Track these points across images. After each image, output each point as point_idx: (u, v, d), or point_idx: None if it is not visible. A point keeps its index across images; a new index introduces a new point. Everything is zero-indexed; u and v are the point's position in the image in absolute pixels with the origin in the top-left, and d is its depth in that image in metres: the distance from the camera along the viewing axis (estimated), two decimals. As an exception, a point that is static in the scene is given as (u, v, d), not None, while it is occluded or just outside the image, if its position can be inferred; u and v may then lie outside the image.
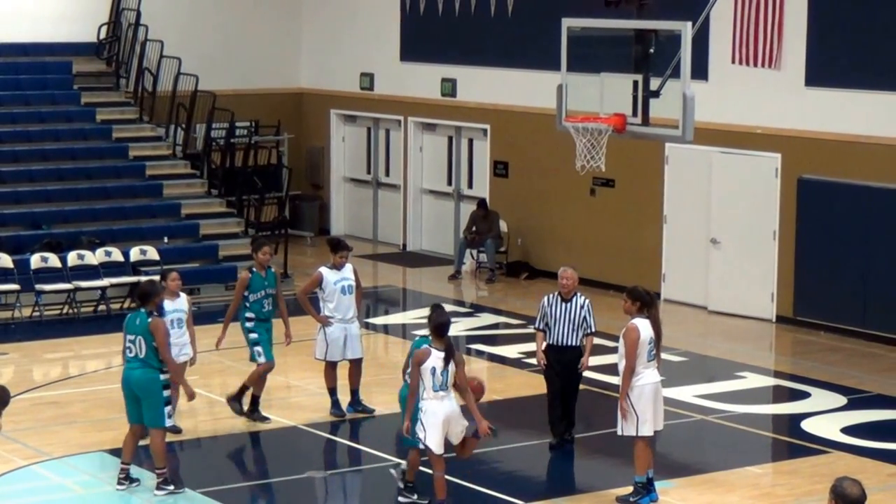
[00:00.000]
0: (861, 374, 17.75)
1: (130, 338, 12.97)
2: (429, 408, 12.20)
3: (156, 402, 12.91)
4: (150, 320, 12.92)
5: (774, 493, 13.52)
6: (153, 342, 12.84)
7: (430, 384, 12.16)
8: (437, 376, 12.16)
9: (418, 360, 12.21)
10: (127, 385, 13.06)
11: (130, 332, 13.00)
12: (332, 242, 15.70)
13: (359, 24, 26.76)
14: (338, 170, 27.70)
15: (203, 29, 26.63)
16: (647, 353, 12.75)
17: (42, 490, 13.53)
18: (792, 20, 19.91)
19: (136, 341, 12.91)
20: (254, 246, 15.56)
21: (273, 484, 14.04)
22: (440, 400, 12.21)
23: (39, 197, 22.68)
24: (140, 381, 12.93)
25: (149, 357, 12.88)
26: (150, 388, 12.91)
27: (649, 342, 12.76)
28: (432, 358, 12.18)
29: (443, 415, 12.20)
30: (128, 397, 13.08)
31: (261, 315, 15.17)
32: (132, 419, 13.12)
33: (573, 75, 15.29)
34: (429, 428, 12.20)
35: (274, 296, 15.24)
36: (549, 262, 23.53)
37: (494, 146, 24.50)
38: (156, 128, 24.92)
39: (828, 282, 19.75)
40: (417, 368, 12.19)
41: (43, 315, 20.27)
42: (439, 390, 12.19)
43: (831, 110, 19.63)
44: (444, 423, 12.22)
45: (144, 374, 12.90)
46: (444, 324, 12.35)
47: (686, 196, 21.46)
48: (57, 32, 25.50)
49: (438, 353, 12.21)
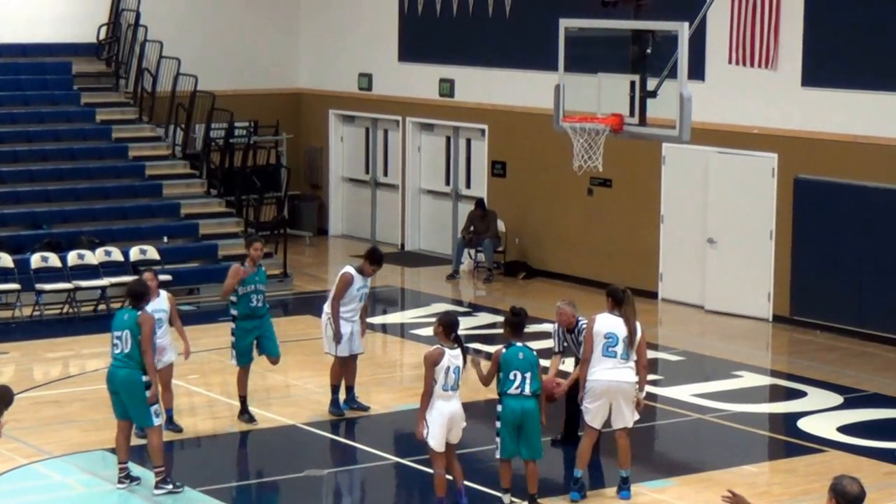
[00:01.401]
0: (857, 374, 17.79)
1: (117, 334, 12.99)
2: (435, 406, 12.28)
3: (139, 402, 12.91)
4: (140, 314, 12.93)
5: (771, 492, 13.56)
6: (139, 336, 12.85)
7: (441, 383, 12.22)
8: (449, 376, 12.23)
9: (432, 361, 12.25)
10: (111, 383, 13.10)
11: (117, 328, 13.02)
12: (377, 256, 15.38)
13: (357, 25, 26.79)
14: (336, 170, 27.73)
15: (202, 29, 26.66)
16: (603, 348, 12.83)
17: (43, 488, 13.56)
18: (788, 21, 19.95)
19: (123, 336, 12.93)
20: (246, 242, 15.67)
21: (272, 482, 14.07)
22: (447, 400, 12.28)
23: (39, 197, 22.71)
24: (123, 380, 12.95)
25: (134, 352, 12.87)
26: (132, 388, 12.92)
27: (606, 336, 12.84)
28: (446, 358, 12.25)
29: (448, 414, 12.27)
30: (112, 394, 13.13)
31: (247, 311, 15.10)
32: (119, 415, 13.15)
33: (570, 75, 15.31)
34: (432, 426, 12.28)
35: (264, 293, 15.26)
36: (546, 262, 23.60)
37: (492, 146, 24.54)
38: (155, 128, 24.95)
39: (824, 281, 19.80)
40: (432, 369, 12.22)
41: (43, 314, 20.30)
42: (449, 390, 12.26)
43: (828, 110, 19.67)
44: (448, 422, 12.29)
45: (128, 375, 12.91)
46: (454, 323, 12.45)
47: (683, 196, 21.50)
48: (57, 33, 25.53)
49: (452, 352, 12.28)
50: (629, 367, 12.92)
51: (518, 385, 12.47)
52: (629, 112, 14.94)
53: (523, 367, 12.50)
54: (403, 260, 25.32)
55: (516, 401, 12.49)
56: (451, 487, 12.62)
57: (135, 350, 12.88)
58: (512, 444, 12.57)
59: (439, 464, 12.41)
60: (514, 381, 12.49)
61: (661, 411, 16.31)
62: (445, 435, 12.32)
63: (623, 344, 12.84)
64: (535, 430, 12.58)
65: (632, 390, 12.94)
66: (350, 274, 15.24)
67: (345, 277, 15.24)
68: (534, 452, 12.64)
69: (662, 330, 20.63)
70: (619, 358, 12.85)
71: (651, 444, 15.58)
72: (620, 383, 12.87)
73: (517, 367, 12.51)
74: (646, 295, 21.89)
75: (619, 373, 12.88)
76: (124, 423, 13.17)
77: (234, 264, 15.39)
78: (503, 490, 12.78)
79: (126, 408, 13.05)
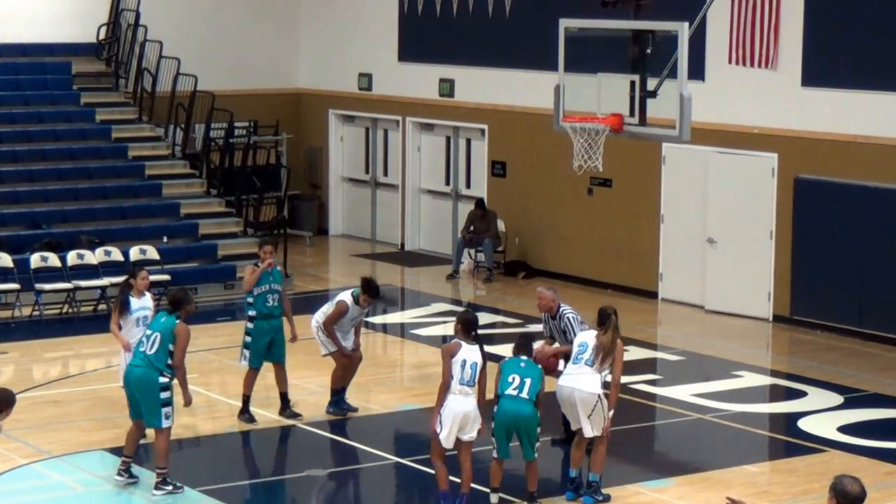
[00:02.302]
0: (857, 373, 17.77)
1: (149, 333, 13.09)
2: (449, 402, 12.28)
3: (153, 404, 12.92)
4: (178, 323, 12.99)
5: (771, 492, 13.54)
6: (170, 344, 12.90)
7: (457, 377, 12.24)
8: (465, 370, 12.25)
9: (449, 353, 12.31)
10: (128, 383, 13.15)
11: (152, 328, 13.13)
12: (373, 289, 15.31)
13: (357, 25, 26.78)
14: (336, 170, 27.72)
15: (202, 29, 26.65)
16: (574, 356, 12.96)
17: (42, 488, 13.55)
18: (788, 20, 19.94)
19: (153, 337, 12.99)
20: (258, 244, 15.94)
21: (272, 482, 14.07)
22: (462, 396, 12.27)
23: (39, 197, 22.69)
24: (139, 380, 12.98)
25: (157, 356, 12.91)
26: (148, 389, 12.93)
27: (579, 345, 12.98)
28: (463, 351, 12.28)
29: (461, 413, 12.27)
30: (129, 395, 13.16)
31: (264, 310, 15.20)
32: (134, 416, 13.18)
33: (570, 75, 15.29)
34: (445, 421, 12.28)
35: (280, 292, 15.31)
36: (546, 262, 23.59)
37: (492, 146, 24.53)
38: (155, 128, 24.93)
39: (824, 281, 19.79)
40: (449, 361, 12.27)
41: (43, 314, 20.28)
42: (465, 384, 12.26)
43: (828, 110, 19.66)
44: (460, 420, 12.27)
45: (144, 375, 12.94)
46: (472, 321, 12.54)
47: (683, 196, 21.49)
48: (56, 33, 25.51)
49: (470, 347, 12.32)
50: (593, 375, 12.85)
51: (516, 387, 12.49)
52: (629, 112, 14.92)
53: (523, 373, 12.56)
54: (403, 260, 25.31)
55: (512, 402, 12.51)
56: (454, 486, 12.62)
57: (160, 354, 12.92)
58: (505, 446, 12.60)
59: (438, 457, 12.42)
60: (511, 384, 12.53)
61: (660, 411, 16.31)
62: (455, 432, 12.32)
63: (591, 351, 12.86)
64: (530, 434, 12.58)
65: (589, 399, 12.79)
66: (346, 304, 15.22)
67: (340, 307, 15.23)
68: (525, 455, 12.67)
69: (662, 330, 20.63)
70: (583, 363, 12.87)
71: (651, 444, 15.60)
72: (574, 389, 12.82)
73: (517, 371, 12.57)
74: (646, 295, 21.92)
75: (577, 379, 12.86)
76: (140, 422, 13.19)
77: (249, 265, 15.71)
78: (492, 489, 12.79)
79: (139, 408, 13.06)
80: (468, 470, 12.56)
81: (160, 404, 12.91)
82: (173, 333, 12.93)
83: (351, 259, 25.09)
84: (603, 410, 12.82)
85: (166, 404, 12.96)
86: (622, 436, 14.21)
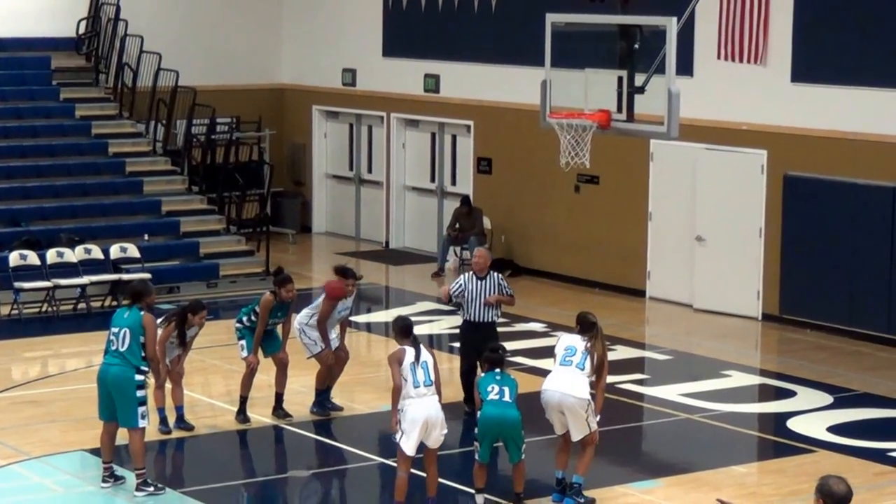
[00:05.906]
0: (847, 373, 17.70)
1: (115, 330, 12.94)
2: (408, 410, 12.15)
3: (129, 402, 12.81)
4: (143, 314, 12.93)
5: (760, 493, 13.46)
6: (140, 337, 12.81)
7: (411, 380, 12.13)
8: (418, 371, 12.14)
9: (397, 359, 12.25)
10: (102, 382, 12.98)
11: (116, 324, 12.97)
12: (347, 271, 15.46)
13: (341, 20, 26.63)
14: (320, 166, 27.57)
15: (183, 24, 26.48)
16: (561, 359, 12.80)
17: (21, 490, 13.39)
18: (778, 16, 19.85)
19: (121, 334, 12.86)
20: (278, 280, 15.28)
21: (255, 483, 13.95)
22: (421, 399, 12.13)
23: (18, 194, 22.50)
24: (115, 379, 12.85)
25: (130, 352, 12.80)
26: (124, 386, 12.81)
27: (566, 348, 12.81)
28: (410, 353, 12.24)
29: (422, 419, 12.13)
30: (102, 394, 13.01)
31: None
32: (103, 416, 13.04)
33: (557, 71, 15.21)
34: (408, 430, 12.14)
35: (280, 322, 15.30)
36: (533, 260, 23.47)
37: (478, 142, 24.39)
38: (136, 124, 24.76)
39: (814, 279, 19.69)
40: (397, 367, 12.20)
41: (22, 313, 20.12)
42: (421, 386, 12.13)
43: (817, 106, 19.57)
44: (422, 427, 12.14)
45: (120, 373, 12.82)
46: (408, 325, 12.59)
47: (671, 193, 21.38)
48: (35, 27, 25.31)
49: (411, 350, 12.28)
50: (583, 378, 12.70)
51: (497, 393, 12.49)
52: (616, 108, 14.89)
53: (501, 383, 12.58)
54: (388, 258, 25.18)
55: (495, 406, 12.45)
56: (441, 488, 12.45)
57: (133, 348, 12.81)
58: (486, 452, 12.53)
59: (404, 467, 12.30)
60: (491, 392, 12.54)
61: (648, 411, 16.24)
62: (419, 440, 12.20)
63: (581, 354, 12.71)
64: (515, 439, 12.49)
65: (579, 404, 12.64)
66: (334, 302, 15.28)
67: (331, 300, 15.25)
68: (511, 458, 12.63)
69: (650, 329, 20.55)
70: (574, 367, 12.71)
71: (639, 445, 15.55)
72: (564, 395, 12.64)
73: (494, 382, 12.59)
74: (633, 293, 21.83)
75: (566, 383, 12.68)
76: (109, 424, 13.05)
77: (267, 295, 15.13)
78: (476, 490, 12.70)
79: (113, 408, 12.91)
80: (433, 473, 12.50)
81: (136, 403, 12.79)
82: (142, 326, 12.86)
83: (335, 257, 24.91)
84: (591, 415, 12.70)
85: (142, 403, 12.86)
86: (609, 436, 14.08)
